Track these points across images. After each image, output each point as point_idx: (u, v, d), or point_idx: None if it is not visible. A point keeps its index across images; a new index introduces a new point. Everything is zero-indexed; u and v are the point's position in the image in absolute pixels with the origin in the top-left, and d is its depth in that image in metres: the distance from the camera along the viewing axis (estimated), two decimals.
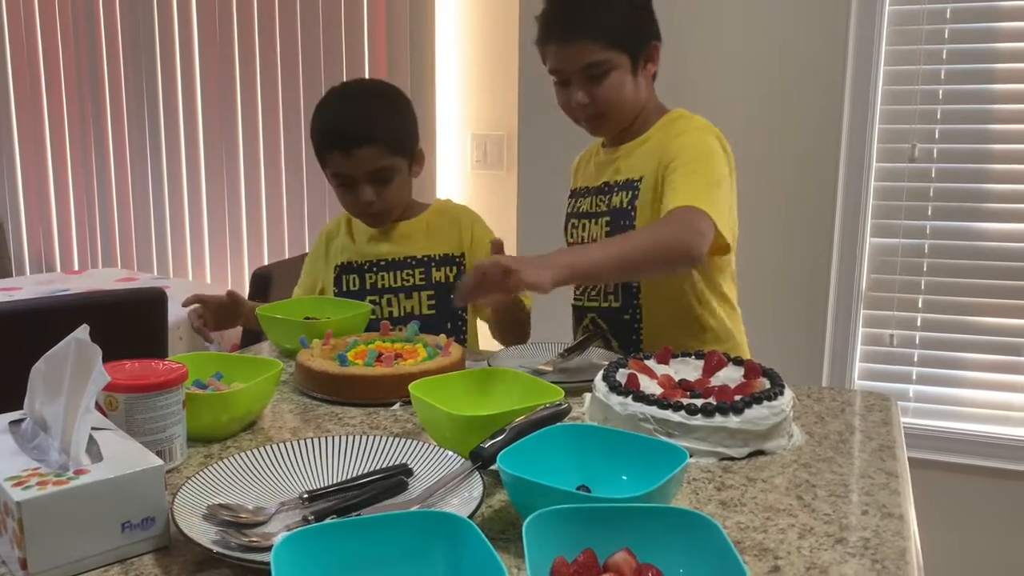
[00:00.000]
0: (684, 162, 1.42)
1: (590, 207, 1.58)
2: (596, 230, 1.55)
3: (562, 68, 1.49)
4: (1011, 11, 2.19)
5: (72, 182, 3.42)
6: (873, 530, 0.85)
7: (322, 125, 1.62)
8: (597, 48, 1.45)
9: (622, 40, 1.46)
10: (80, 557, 0.76)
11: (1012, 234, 2.25)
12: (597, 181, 1.59)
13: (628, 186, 1.51)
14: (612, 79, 1.47)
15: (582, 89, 1.48)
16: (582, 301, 1.62)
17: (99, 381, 0.82)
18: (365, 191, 1.59)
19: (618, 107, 1.50)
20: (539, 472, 0.81)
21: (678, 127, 1.51)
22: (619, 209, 1.51)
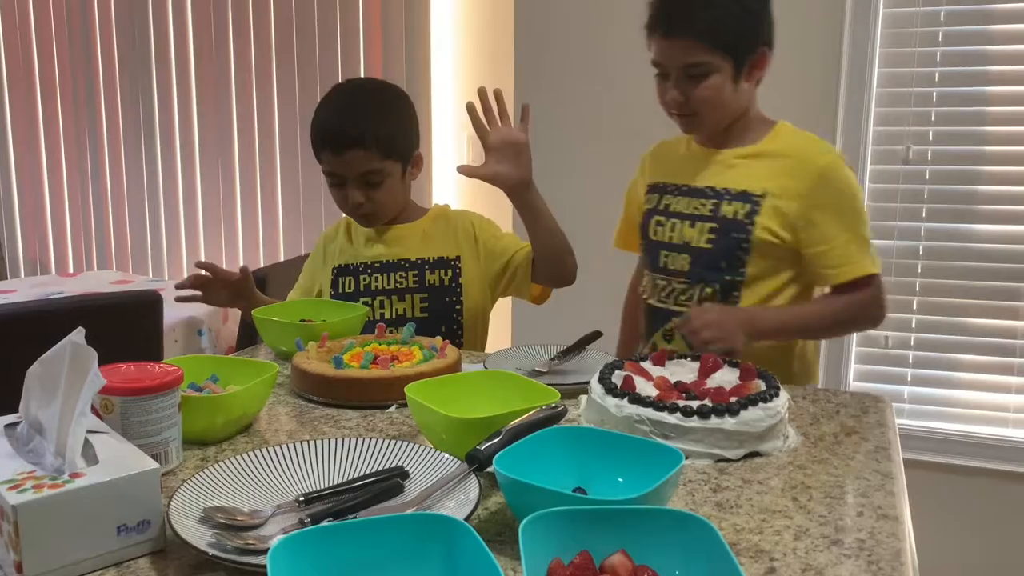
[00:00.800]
0: (845, 217, 1.44)
1: (685, 208, 1.53)
2: (694, 234, 1.51)
3: (662, 62, 1.48)
4: (1004, 14, 2.20)
5: (67, 184, 3.41)
6: (868, 531, 0.85)
7: (317, 124, 1.63)
8: (699, 48, 1.43)
9: (727, 43, 1.43)
10: (76, 560, 0.75)
11: (1006, 236, 2.26)
12: (693, 181, 1.55)
13: (744, 198, 1.47)
14: (711, 81, 1.44)
15: (678, 87, 1.46)
16: (667, 304, 1.56)
17: (95, 384, 0.82)
18: (355, 192, 1.60)
19: (713, 110, 1.47)
20: (535, 474, 0.81)
21: (813, 155, 1.47)
22: (731, 220, 1.47)
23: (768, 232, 1.45)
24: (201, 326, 2.48)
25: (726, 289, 1.50)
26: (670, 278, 1.55)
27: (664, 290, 1.57)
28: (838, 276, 1.45)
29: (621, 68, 2.45)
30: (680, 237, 1.53)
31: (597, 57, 2.48)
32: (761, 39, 1.47)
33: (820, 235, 1.44)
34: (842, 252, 1.44)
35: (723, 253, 1.48)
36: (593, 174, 2.50)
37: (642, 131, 2.46)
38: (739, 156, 1.52)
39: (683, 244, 1.53)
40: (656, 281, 1.59)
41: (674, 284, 1.55)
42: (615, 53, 2.45)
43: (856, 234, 1.45)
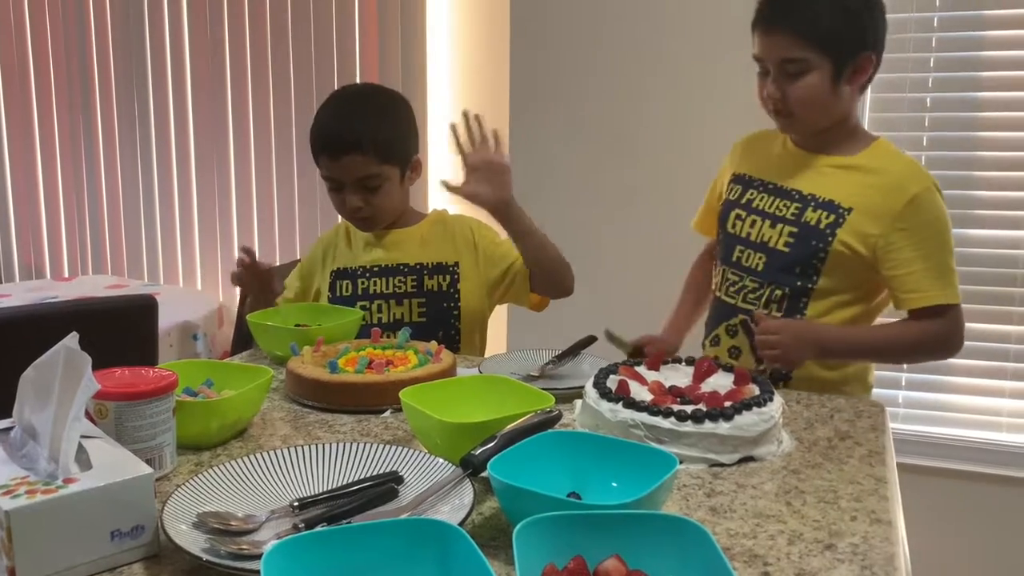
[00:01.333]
0: (923, 245, 1.42)
1: (769, 206, 1.51)
2: (773, 235, 1.49)
3: (762, 57, 1.46)
4: (998, 20, 2.21)
5: (62, 188, 3.41)
6: (862, 536, 0.85)
7: (316, 129, 1.64)
8: (797, 44, 1.41)
9: (826, 42, 1.40)
10: (69, 566, 0.75)
11: (999, 241, 2.26)
12: (781, 180, 1.52)
13: (830, 207, 1.45)
14: (808, 80, 1.42)
15: (776, 82, 1.45)
16: (735, 300, 1.54)
17: (89, 389, 0.82)
18: (352, 197, 1.61)
19: (810, 109, 1.45)
20: (529, 479, 0.81)
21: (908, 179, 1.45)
22: (813, 227, 1.45)
23: (846, 246, 1.43)
24: (196, 331, 2.48)
25: (795, 295, 1.47)
26: (743, 275, 1.53)
27: (735, 285, 1.54)
28: (911, 302, 1.43)
29: (617, 70, 2.46)
30: (759, 235, 1.51)
31: (593, 60, 2.48)
32: (865, 43, 1.44)
33: (901, 259, 1.42)
34: (919, 279, 1.42)
35: (799, 259, 1.46)
36: (588, 175, 2.51)
37: (638, 132, 2.48)
38: (833, 165, 1.49)
39: (760, 243, 1.50)
40: (727, 275, 1.56)
41: (746, 281, 1.52)
42: (611, 56, 2.45)
43: (937, 263, 1.43)
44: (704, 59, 2.37)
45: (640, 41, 2.42)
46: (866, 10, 1.44)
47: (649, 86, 2.43)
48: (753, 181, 1.56)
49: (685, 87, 2.37)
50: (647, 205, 2.43)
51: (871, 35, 1.44)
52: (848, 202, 1.45)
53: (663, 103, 2.42)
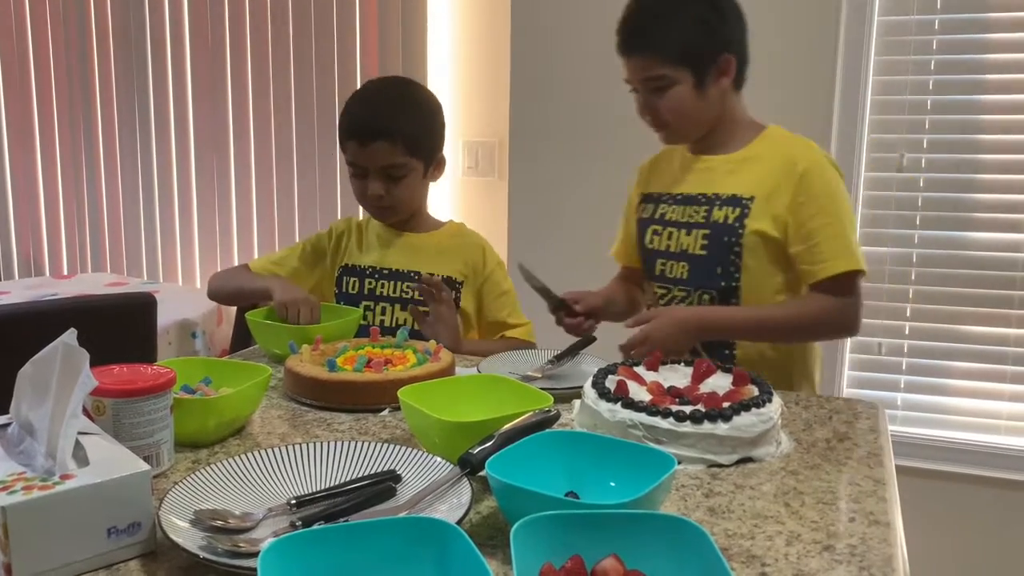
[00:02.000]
0: (825, 214, 1.44)
1: (680, 216, 1.56)
2: (690, 241, 1.53)
3: (629, 79, 1.54)
4: (999, 23, 2.21)
5: (62, 186, 3.40)
6: (860, 537, 0.85)
7: (347, 114, 1.66)
8: (655, 63, 1.48)
9: (681, 57, 1.47)
10: (66, 562, 0.75)
11: (1000, 243, 2.26)
12: (686, 189, 1.57)
13: (734, 202, 1.50)
14: (673, 93, 1.49)
15: (645, 100, 1.52)
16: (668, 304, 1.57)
17: (86, 385, 0.82)
18: (376, 184, 1.62)
19: (682, 120, 1.52)
20: (527, 478, 0.81)
21: (797, 157, 1.49)
22: (723, 224, 1.49)
23: (759, 234, 1.47)
24: (195, 328, 2.48)
25: (724, 296, 1.50)
26: (670, 286, 1.57)
27: (664, 298, 1.58)
28: (823, 271, 1.44)
29: (618, 68, 2.45)
30: (677, 245, 1.55)
31: (594, 58, 2.48)
32: (721, 46, 1.50)
33: (804, 232, 1.45)
34: (822, 249, 1.44)
35: (717, 258, 1.50)
36: (589, 176, 2.51)
37: (639, 131, 2.46)
38: (729, 162, 1.54)
39: (680, 252, 1.54)
40: (656, 290, 1.60)
41: (674, 292, 1.56)
42: (612, 53, 2.45)
43: (837, 232, 1.44)
44: None
45: None
46: (715, 16, 1.50)
47: None
48: (662, 196, 1.61)
49: None
50: None
51: (725, 39, 1.51)
52: (749, 192, 1.49)
53: None
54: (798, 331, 1.50)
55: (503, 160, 2.69)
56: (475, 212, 2.72)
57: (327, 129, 2.92)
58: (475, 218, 2.54)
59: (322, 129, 2.93)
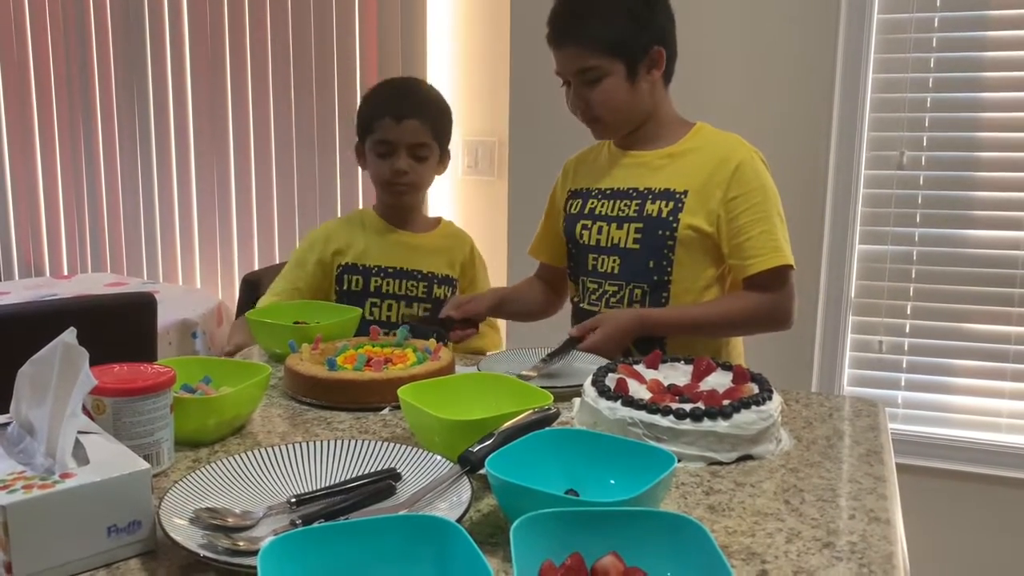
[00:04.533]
0: (756, 210, 1.47)
1: (611, 210, 1.56)
2: (621, 235, 1.53)
3: (560, 71, 1.54)
4: (998, 20, 2.21)
5: (62, 186, 3.41)
6: (860, 534, 0.85)
7: (378, 97, 1.75)
8: (587, 54, 1.48)
9: (614, 48, 1.48)
10: (66, 561, 0.75)
11: (999, 241, 2.26)
12: (616, 183, 1.58)
13: (667, 195, 1.51)
14: (605, 84, 1.49)
15: (577, 92, 1.52)
16: (599, 306, 1.57)
17: (86, 384, 0.82)
18: (402, 159, 1.70)
19: (613, 112, 1.52)
20: (527, 476, 0.81)
21: (730, 153, 1.51)
22: (656, 218, 1.50)
23: (692, 228, 1.48)
24: (195, 328, 2.48)
25: (655, 290, 1.51)
26: (600, 280, 1.57)
27: (595, 293, 1.58)
28: (755, 266, 1.46)
29: None
30: (608, 239, 1.55)
31: None
32: (652, 39, 1.50)
33: (737, 227, 1.48)
34: (759, 242, 1.46)
35: (650, 252, 1.51)
36: None
37: None
38: (661, 156, 1.55)
39: (611, 246, 1.55)
40: (586, 284, 1.60)
41: (605, 286, 1.56)
42: None
43: (770, 227, 1.47)
44: (706, 58, 2.37)
45: None
46: (646, 8, 1.50)
47: None
48: (591, 192, 1.61)
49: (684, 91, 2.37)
50: None
51: (655, 31, 1.51)
52: (682, 186, 1.50)
53: None
54: (734, 327, 1.53)
55: (503, 160, 2.69)
56: (475, 211, 2.72)
57: (327, 130, 2.93)
58: (475, 217, 2.54)
59: (322, 130, 2.94)
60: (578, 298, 1.64)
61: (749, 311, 1.49)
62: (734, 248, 1.48)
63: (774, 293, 1.48)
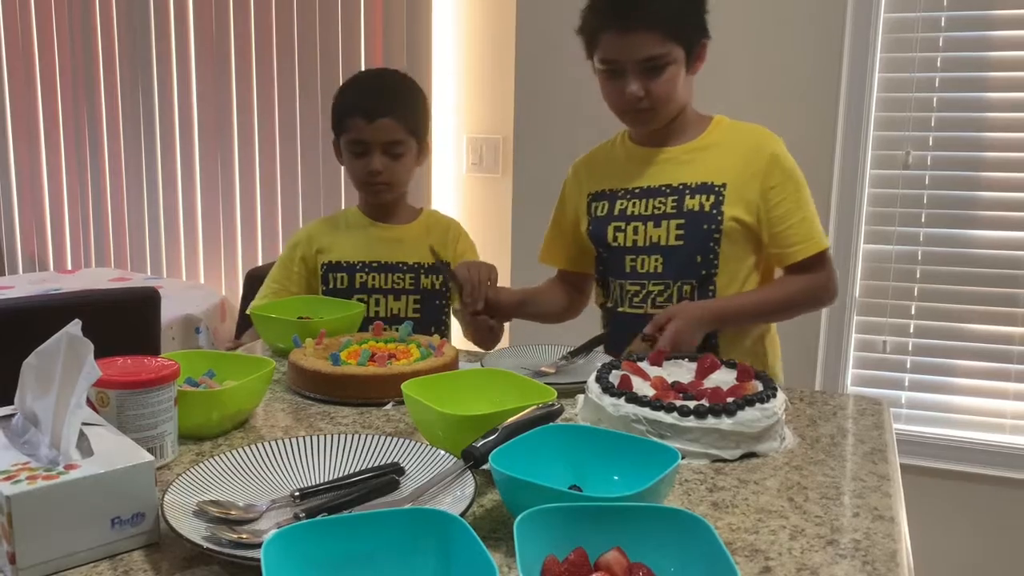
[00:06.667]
0: (793, 198, 1.47)
1: (645, 209, 1.51)
2: (661, 233, 1.49)
3: (618, 58, 1.44)
4: (1005, 20, 2.20)
5: (66, 181, 3.41)
6: (864, 532, 0.85)
7: (348, 94, 1.72)
8: (658, 40, 1.41)
9: (681, 33, 1.43)
10: (69, 552, 0.75)
11: (1005, 242, 2.26)
12: (645, 182, 1.53)
13: (706, 189, 1.48)
14: (669, 73, 1.43)
15: (638, 81, 1.43)
16: (644, 308, 1.51)
17: (90, 376, 0.82)
18: (378, 159, 1.67)
19: (669, 103, 1.47)
20: (531, 472, 0.81)
21: (760, 143, 1.50)
22: (699, 212, 1.47)
23: (736, 220, 1.47)
24: (199, 324, 2.48)
25: (702, 284, 1.50)
26: (643, 281, 1.52)
27: (638, 295, 1.53)
28: (799, 253, 1.47)
29: None
30: (646, 239, 1.51)
31: None
32: (705, 30, 1.49)
33: (779, 215, 1.47)
34: (799, 230, 1.47)
35: (696, 247, 1.48)
36: None
37: None
38: (688, 151, 1.52)
39: (651, 245, 1.51)
40: (626, 288, 1.54)
41: (649, 287, 1.52)
42: None
43: (808, 213, 1.49)
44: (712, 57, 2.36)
45: None
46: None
47: None
48: (616, 192, 1.56)
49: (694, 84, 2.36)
50: None
51: (705, 22, 1.49)
52: (719, 178, 1.48)
53: None
54: (794, 307, 1.54)
55: (507, 157, 2.69)
56: (479, 209, 2.72)
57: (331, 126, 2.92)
58: (479, 215, 2.54)
59: (326, 126, 2.92)
60: (612, 302, 1.58)
61: (805, 292, 1.50)
62: (775, 236, 1.48)
63: (818, 273, 1.49)
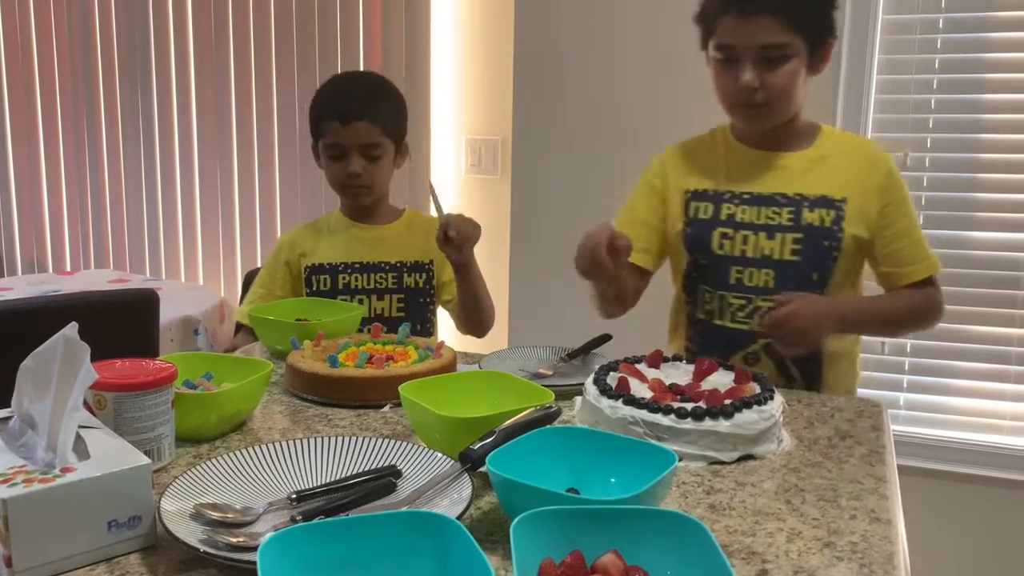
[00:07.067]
0: (908, 216, 1.43)
1: (756, 218, 1.42)
2: (775, 246, 1.41)
3: (735, 44, 1.35)
4: (1003, 22, 2.20)
5: (65, 182, 3.41)
6: (861, 534, 0.85)
7: (324, 98, 1.72)
8: (780, 27, 1.32)
9: (805, 25, 1.34)
10: (66, 555, 0.75)
11: (1004, 243, 2.26)
12: (755, 188, 1.44)
13: (826, 203, 1.40)
14: (789, 67, 1.34)
15: (754, 70, 1.34)
16: (750, 324, 1.43)
17: (87, 378, 0.82)
18: (355, 162, 1.67)
19: (786, 99, 1.37)
20: (528, 474, 0.81)
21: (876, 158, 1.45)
22: (819, 228, 1.40)
23: (854, 238, 1.41)
24: (197, 326, 2.47)
25: None
26: (750, 296, 1.43)
27: (744, 310, 1.43)
28: (916, 273, 1.43)
29: (621, 66, 2.45)
30: (756, 250, 1.42)
31: (597, 57, 2.48)
32: (833, 28, 1.39)
33: (894, 233, 1.42)
34: (916, 250, 1.44)
35: (814, 263, 1.41)
36: (591, 175, 2.50)
37: (642, 130, 2.47)
38: (803, 159, 1.44)
39: (762, 257, 1.42)
40: (728, 300, 1.44)
41: (757, 302, 1.42)
42: (616, 52, 2.45)
43: (919, 231, 1.45)
44: None
45: (645, 30, 2.41)
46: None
47: (653, 79, 2.42)
48: (722, 195, 1.46)
49: (688, 89, 2.36)
50: None
51: (834, 19, 1.40)
52: (839, 193, 1.41)
53: (665, 102, 2.41)
54: (915, 321, 1.51)
55: (506, 158, 2.69)
56: (477, 210, 2.71)
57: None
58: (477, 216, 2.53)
59: None
60: (704, 314, 1.48)
61: (925, 308, 1.47)
62: (890, 255, 1.43)
63: (931, 289, 1.46)
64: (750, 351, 1.45)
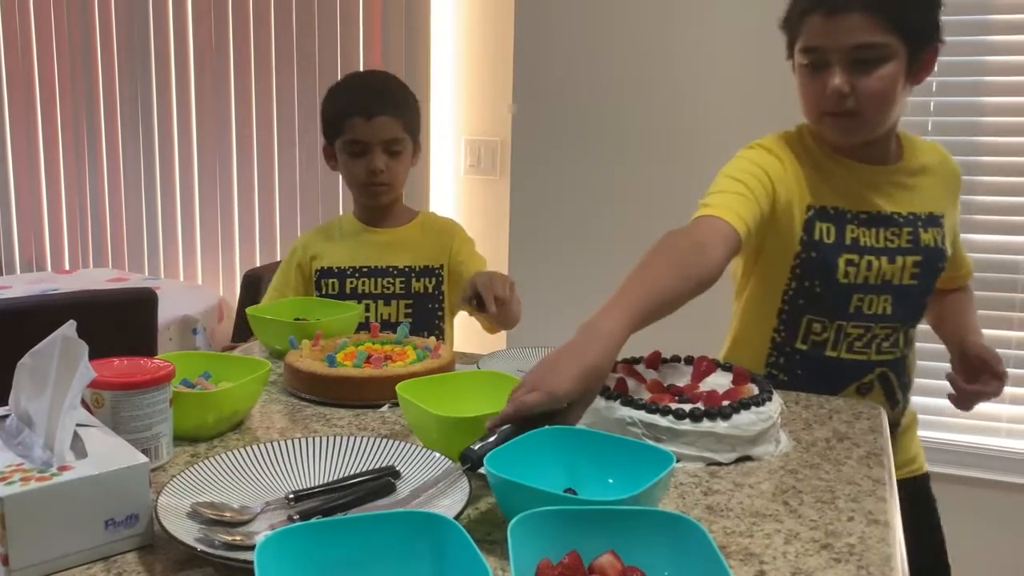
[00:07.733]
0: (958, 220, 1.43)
1: (876, 241, 1.29)
2: (895, 271, 1.29)
3: (823, 44, 1.21)
4: (1002, 25, 2.21)
5: (64, 181, 3.41)
6: (859, 536, 0.85)
7: (344, 95, 1.72)
8: (874, 26, 1.18)
9: (904, 25, 1.19)
10: (63, 554, 0.75)
11: (1001, 246, 2.26)
12: (869, 206, 1.30)
13: (934, 222, 1.32)
14: (885, 70, 1.20)
15: (844, 74, 1.20)
16: (867, 354, 1.34)
17: (85, 377, 0.82)
18: (378, 157, 1.66)
19: (880, 107, 1.23)
20: (526, 475, 0.81)
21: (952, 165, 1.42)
22: (935, 249, 1.31)
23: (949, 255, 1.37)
24: (196, 325, 2.48)
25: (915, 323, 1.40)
26: (868, 324, 1.32)
27: (862, 339, 1.33)
28: (967, 276, 1.47)
29: (621, 67, 2.46)
30: (879, 276, 1.29)
31: (597, 58, 2.48)
32: (938, 32, 1.25)
33: (954, 237, 1.41)
34: (964, 254, 1.46)
35: (928, 286, 1.33)
36: (591, 176, 2.50)
37: (641, 131, 2.47)
38: (903, 173, 1.33)
39: (883, 283, 1.30)
40: (846, 330, 1.33)
41: (876, 330, 1.32)
42: (615, 53, 2.45)
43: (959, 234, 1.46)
44: (708, 62, 2.36)
45: (645, 31, 2.42)
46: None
47: (652, 79, 2.42)
48: (843, 215, 1.30)
49: (688, 96, 2.37)
50: (652, 203, 2.43)
51: (939, 23, 1.25)
52: (939, 208, 1.34)
53: (663, 106, 2.41)
54: None
55: (505, 159, 2.69)
56: (476, 211, 2.72)
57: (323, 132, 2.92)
58: (476, 217, 2.54)
59: None
60: (808, 344, 1.34)
61: None
62: (955, 259, 1.41)
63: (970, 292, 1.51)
64: (865, 381, 1.36)
